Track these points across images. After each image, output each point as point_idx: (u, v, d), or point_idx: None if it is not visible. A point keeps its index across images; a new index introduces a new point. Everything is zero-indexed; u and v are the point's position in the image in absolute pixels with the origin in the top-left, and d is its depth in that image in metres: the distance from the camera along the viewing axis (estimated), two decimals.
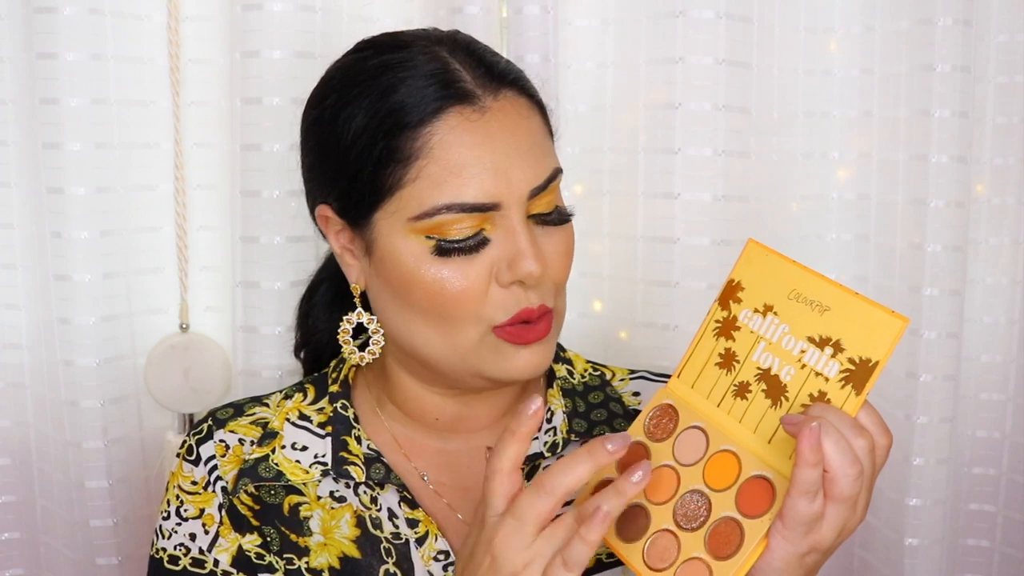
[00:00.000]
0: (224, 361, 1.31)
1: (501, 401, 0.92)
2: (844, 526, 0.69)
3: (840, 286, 0.71)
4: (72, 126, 1.20)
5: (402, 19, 1.29)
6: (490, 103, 0.81)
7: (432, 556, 0.86)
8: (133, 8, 1.24)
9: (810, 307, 0.71)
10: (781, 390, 0.71)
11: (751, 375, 0.73)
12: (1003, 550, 1.40)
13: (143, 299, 1.30)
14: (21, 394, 1.31)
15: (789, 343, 0.72)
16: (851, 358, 0.69)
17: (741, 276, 0.77)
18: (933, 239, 1.26)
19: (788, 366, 0.71)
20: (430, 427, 0.92)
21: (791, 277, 0.74)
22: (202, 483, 0.90)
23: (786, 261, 0.74)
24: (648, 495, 0.74)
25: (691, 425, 0.75)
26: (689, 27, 1.22)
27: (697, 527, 0.70)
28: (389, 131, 0.80)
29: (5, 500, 1.33)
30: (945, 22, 1.23)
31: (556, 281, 0.84)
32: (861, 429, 0.68)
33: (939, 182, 1.25)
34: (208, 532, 0.88)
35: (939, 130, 1.25)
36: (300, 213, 1.23)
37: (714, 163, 1.24)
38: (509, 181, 0.80)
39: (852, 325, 0.69)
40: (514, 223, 0.80)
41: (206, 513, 0.89)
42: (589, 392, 0.96)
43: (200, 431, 0.93)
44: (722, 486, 0.71)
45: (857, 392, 0.68)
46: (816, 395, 0.69)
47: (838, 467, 0.66)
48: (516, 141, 0.81)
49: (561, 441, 0.90)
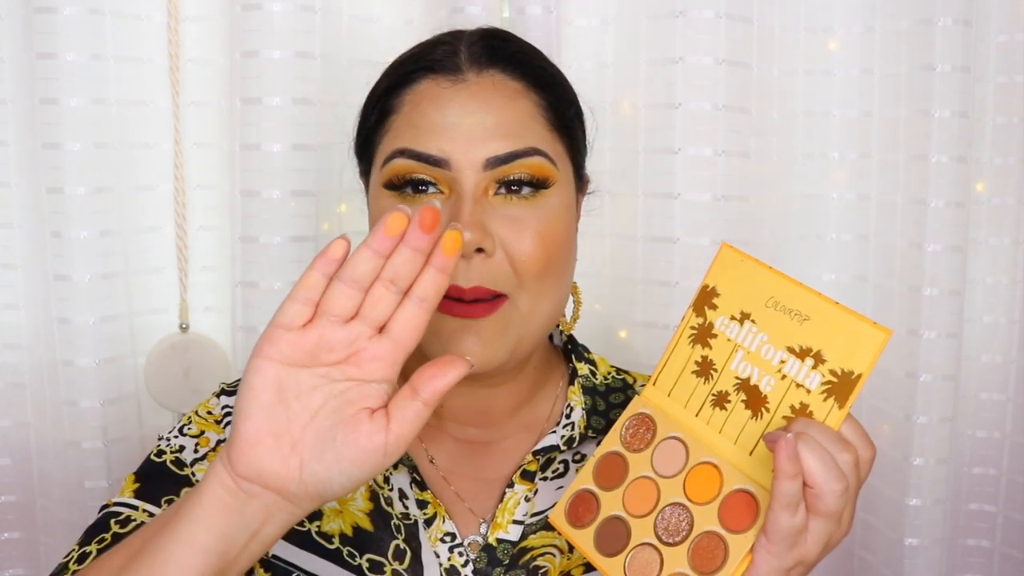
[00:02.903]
0: (224, 361, 1.31)
1: (509, 395, 0.91)
2: (829, 540, 0.68)
3: (819, 295, 0.69)
4: (72, 126, 1.20)
5: (402, 19, 1.29)
6: (471, 77, 0.83)
7: (439, 537, 0.86)
8: (133, 8, 1.24)
9: (789, 316, 0.70)
10: (761, 401, 0.70)
11: (729, 384, 0.72)
12: (1003, 550, 1.40)
13: (143, 299, 1.30)
14: (21, 394, 1.31)
15: (768, 352, 0.70)
16: (833, 370, 0.67)
17: (716, 281, 0.75)
18: (933, 239, 1.26)
19: (768, 376, 0.70)
20: (439, 414, 0.92)
21: (768, 284, 0.72)
22: (218, 416, 0.90)
23: (762, 267, 0.72)
24: (628, 507, 0.73)
25: (669, 435, 0.74)
26: (689, 27, 1.22)
27: (679, 541, 0.69)
28: (378, 98, 0.86)
29: (5, 500, 1.33)
30: (945, 22, 1.23)
31: (516, 262, 0.80)
32: (846, 444, 0.66)
33: (939, 182, 1.25)
34: (198, 452, 0.88)
35: (939, 130, 1.25)
36: (300, 213, 1.24)
37: (714, 163, 1.24)
38: (467, 144, 0.80)
39: (833, 336, 0.67)
40: (463, 188, 0.80)
41: (204, 435, 0.89)
42: (611, 393, 0.95)
43: (236, 384, 0.92)
44: (704, 500, 0.70)
45: (840, 405, 0.66)
46: (798, 407, 0.68)
47: (823, 483, 0.65)
48: (486, 112, 0.81)
49: (579, 436, 0.90)
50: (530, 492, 0.88)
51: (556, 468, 0.90)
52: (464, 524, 0.88)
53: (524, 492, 0.88)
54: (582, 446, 0.91)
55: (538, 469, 0.89)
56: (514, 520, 0.87)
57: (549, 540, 0.88)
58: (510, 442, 0.92)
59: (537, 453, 0.89)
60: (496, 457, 0.91)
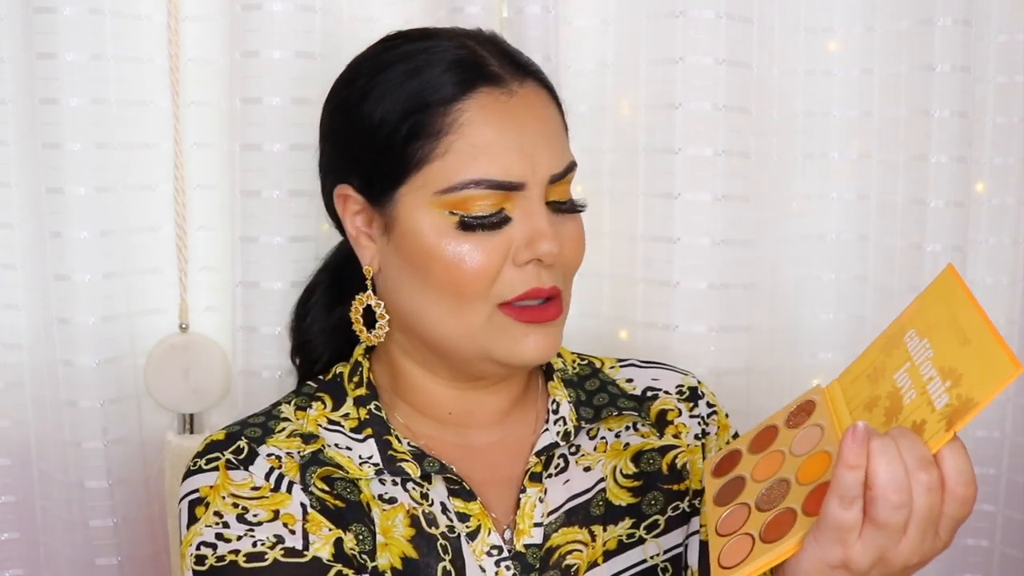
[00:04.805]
0: (224, 361, 1.31)
1: (508, 393, 0.93)
2: (881, 556, 0.65)
3: (989, 323, 0.67)
4: (72, 126, 1.20)
5: (402, 19, 1.29)
6: (517, 88, 0.84)
7: (485, 551, 0.86)
8: (133, 8, 1.24)
9: (957, 337, 0.69)
10: (897, 411, 0.70)
11: (884, 392, 0.72)
12: (1003, 550, 1.40)
13: (143, 299, 1.30)
14: (21, 394, 1.31)
15: (925, 368, 0.70)
16: (960, 394, 0.65)
17: (927, 298, 0.75)
18: (933, 239, 1.26)
19: (914, 391, 0.69)
20: (445, 422, 0.92)
21: (957, 304, 0.71)
22: (265, 487, 0.83)
23: (963, 290, 0.71)
24: (755, 472, 0.76)
25: (816, 423, 0.76)
26: (689, 27, 1.22)
27: (767, 509, 0.72)
28: (420, 107, 0.82)
29: (5, 500, 1.32)
30: (945, 22, 1.24)
31: (569, 266, 0.87)
32: (929, 464, 0.63)
33: (939, 182, 1.25)
34: (295, 532, 0.81)
35: (939, 130, 1.25)
36: (300, 213, 1.24)
37: (714, 163, 1.24)
38: (533, 163, 0.83)
39: (978, 362, 0.65)
40: (535, 204, 0.83)
41: (283, 513, 0.82)
42: (584, 381, 0.97)
43: (240, 450, 0.85)
44: (806, 481, 0.71)
45: (947, 428, 0.64)
46: (919, 423, 0.67)
47: (882, 488, 0.63)
48: (540, 127, 0.84)
49: (573, 429, 0.92)
50: (541, 493, 0.89)
51: (557, 463, 0.91)
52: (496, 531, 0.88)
53: (537, 494, 0.89)
54: (577, 438, 0.93)
55: (542, 468, 0.90)
56: (535, 523, 0.88)
57: (571, 536, 0.89)
58: (509, 442, 0.92)
59: (539, 453, 0.90)
60: (503, 455, 0.91)
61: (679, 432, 0.96)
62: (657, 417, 0.97)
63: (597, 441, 0.94)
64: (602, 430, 0.95)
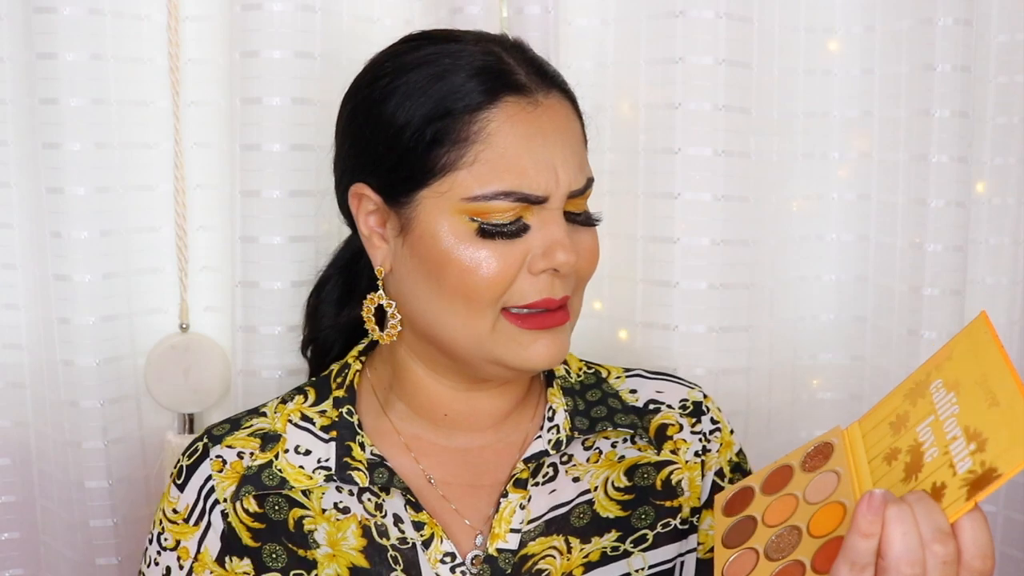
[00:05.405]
0: (224, 361, 1.31)
1: (508, 397, 0.93)
2: None
3: (1020, 386, 0.65)
4: (72, 126, 1.20)
5: (402, 19, 1.29)
6: (542, 99, 0.85)
7: (439, 559, 0.86)
8: (133, 8, 1.24)
9: (986, 396, 0.67)
10: (917, 468, 0.68)
11: (906, 444, 0.71)
12: (1003, 550, 1.40)
13: (143, 299, 1.30)
14: (21, 394, 1.31)
15: (949, 425, 0.68)
16: (983, 461, 0.63)
17: (957, 346, 0.74)
18: (933, 239, 1.26)
19: (935, 448, 0.68)
20: (438, 423, 0.92)
21: (989, 362, 0.69)
22: (184, 512, 0.90)
23: (996, 346, 0.70)
24: (767, 514, 0.75)
25: (833, 469, 0.75)
26: (689, 27, 1.22)
27: (777, 559, 0.70)
28: (445, 112, 0.82)
29: (5, 500, 1.32)
30: (945, 22, 1.23)
31: (583, 276, 0.87)
32: (946, 536, 0.62)
33: (939, 182, 1.25)
34: (183, 567, 0.89)
35: (939, 130, 1.25)
36: (300, 213, 1.24)
37: (714, 163, 1.24)
38: (557, 177, 0.83)
39: (1006, 427, 0.63)
40: (554, 215, 0.83)
41: (181, 546, 0.89)
42: (587, 390, 0.96)
43: (195, 450, 0.91)
44: (818, 534, 0.70)
45: (967, 497, 0.62)
46: (939, 485, 0.65)
47: (895, 560, 0.61)
48: (564, 140, 0.85)
49: (565, 439, 0.91)
50: (524, 499, 0.88)
51: (546, 472, 0.91)
52: (465, 540, 0.88)
53: (518, 500, 0.88)
54: (568, 447, 0.92)
55: (529, 476, 0.89)
56: (511, 529, 0.87)
57: (548, 544, 0.88)
58: (501, 446, 0.92)
59: (528, 460, 0.89)
60: (490, 462, 0.91)
61: (677, 448, 0.95)
62: (656, 432, 0.96)
63: (591, 452, 0.93)
64: (598, 440, 0.94)
